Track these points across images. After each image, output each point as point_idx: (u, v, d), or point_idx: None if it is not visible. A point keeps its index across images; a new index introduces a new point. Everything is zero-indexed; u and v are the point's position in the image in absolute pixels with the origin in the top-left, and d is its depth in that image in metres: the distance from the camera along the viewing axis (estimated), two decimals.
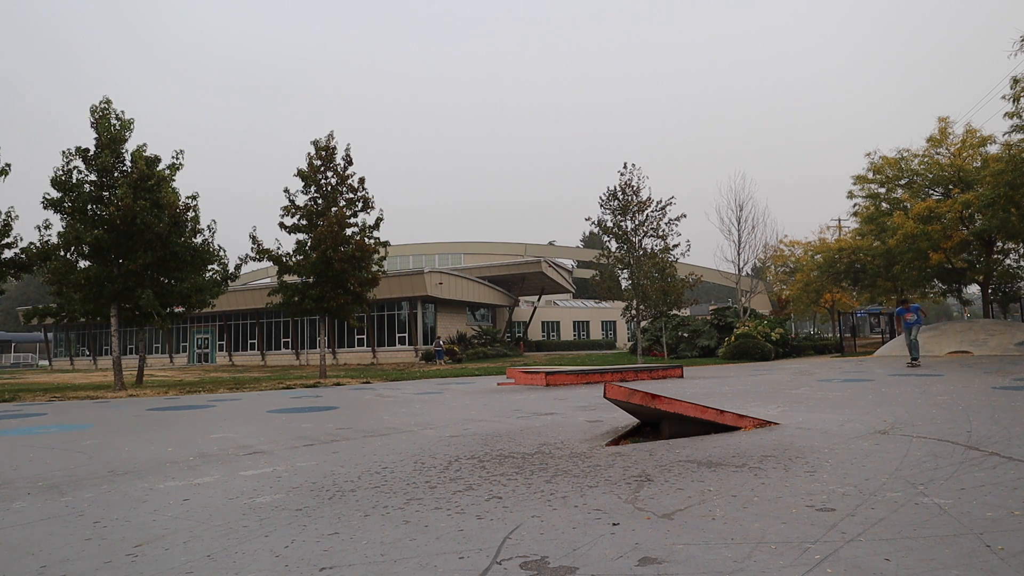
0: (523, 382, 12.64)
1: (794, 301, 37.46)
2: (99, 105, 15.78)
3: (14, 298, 70.30)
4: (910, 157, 27.49)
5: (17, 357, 63.66)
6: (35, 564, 2.33)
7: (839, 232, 38.94)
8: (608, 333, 54.64)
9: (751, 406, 6.75)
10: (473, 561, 2.20)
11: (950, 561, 2.04)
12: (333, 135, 20.26)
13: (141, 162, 15.69)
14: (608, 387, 5.07)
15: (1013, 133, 20.21)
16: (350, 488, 3.45)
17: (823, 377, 11.64)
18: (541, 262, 45.00)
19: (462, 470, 3.86)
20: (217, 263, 17.49)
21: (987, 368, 12.47)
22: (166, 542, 2.55)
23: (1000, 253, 27.20)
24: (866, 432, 4.74)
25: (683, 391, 9.45)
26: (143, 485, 3.71)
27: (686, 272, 24.25)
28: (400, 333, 37.92)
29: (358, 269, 19.70)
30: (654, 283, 22.02)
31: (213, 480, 3.80)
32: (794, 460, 3.77)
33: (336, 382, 15.78)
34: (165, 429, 6.66)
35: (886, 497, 2.86)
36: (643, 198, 22.05)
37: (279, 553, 2.36)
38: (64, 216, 15.27)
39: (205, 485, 3.66)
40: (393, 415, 7.40)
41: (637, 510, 2.80)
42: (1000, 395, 7.10)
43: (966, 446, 4.02)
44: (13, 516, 3.07)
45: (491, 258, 58.40)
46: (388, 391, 12.07)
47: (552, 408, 7.52)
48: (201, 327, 45.07)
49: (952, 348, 20.49)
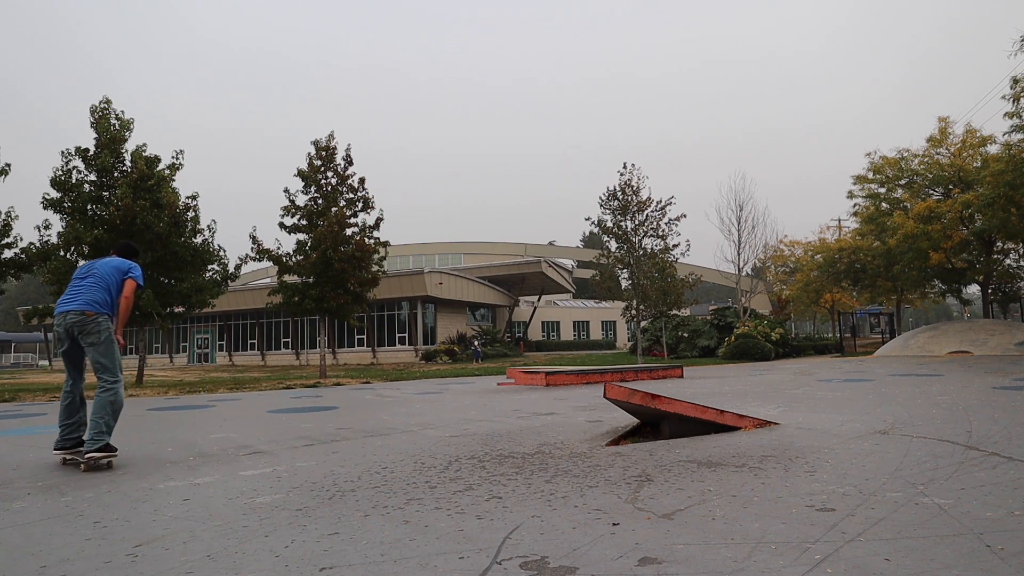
0: (523, 382, 12.64)
1: (794, 301, 37.49)
2: (99, 105, 15.78)
3: (14, 298, 70.30)
4: (910, 157, 27.51)
5: (17, 357, 63.64)
6: (35, 564, 2.33)
7: (839, 232, 38.93)
8: (608, 333, 54.63)
9: (751, 406, 6.75)
10: (473, 561, 2.20)
11: (950, 561, 2.04)
12: (333, 135, 20.26)
13: (141, 162, 15.70)
14: (608, 387, 5.06)
15: (1013, 133, 20.22)
16: (350, 488, 3.45)
17: (823, 377, 11.64)
18: (541, 262, 45.00)
19: (462, 470, 3.86)
20: (217, 263, 17.49)
21: (987, 368, 12.48)
22: (166, 542, 2.55)
23: (1000, 253, 27.21)
24: (866, 432, 4.74)
25: (683, 391, 9.45)
26: (143, 485, 3.71)
27: (686, 272, 24.25)
28: (400, 333, 37.93)
29: (358, 269, 19.71)
30: (654, 283, 22.02)
31: (213, 480, 3.80)
32: (794, 460, 3.77)
33: (336, 382, 15.78)
34: (165, 429, 6.66)
35: (886, 497, 2.86)
36: (643, 198, 22.06)
37: (279, 553, 2.36)
38: (64, 216, 15.27)
39: (205, 485, 3.66)
40: (393, 415, 7.39)
41: (637, 510, 2.80)
42: (1000, 395, 7.10)
43: (966, 446, 4.02)
44: (13, 516, 3.06)
45: (491, 258, 58.42)
46: (388, 391, 12.07)
47: (552, 408, 7.52)
48: (201, 327, 45.08)
49: (952, 348, 20.50)
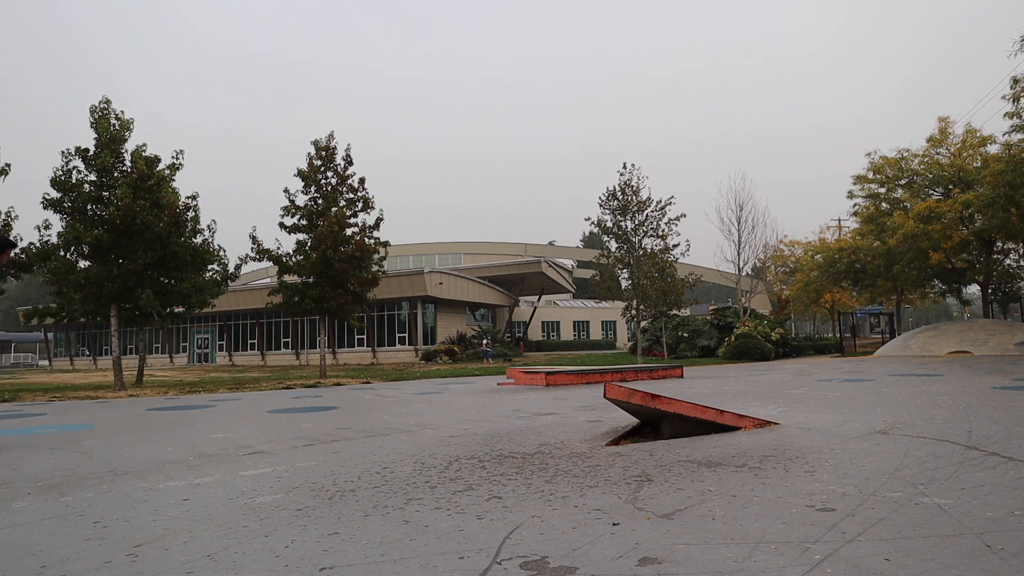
0: (523, 382, 12.64)
1: (794, 301, 37.48)
2: (98, 105, 15.77)
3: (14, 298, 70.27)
4: (910, 157, 27.49)
5: (17, 357, 63.66)
6: (35, 564, 2.33)
7: (839, 232, 38.93)
8: (608, 333, 54.62)
9: (751, 406, 6.75)
10: (473, 561, 2.20)
11: (950, 561, 2.04)
12: (333, 135, 20.25)
13: (141, 162, 15.68)
14: (608, 387, 5.06)
15: (1013, 133, 20.22)
16: (350, 488, 3.45)
17: (823, 377, 11.64)
18: (541, 262, 44.99)
19: (462, 470, 3.86)
20: (217, 263, 17.48)
21: (987, 368, 12.48)
22: (166, 542, 2.55)
23: (1000, 253, 27.21)
24: (866, 432, 4.74)
25: (683, 391, 9.44)
26: (143, 485, 3.71)
27: (686, 272, 24.24)
28: (400, 333, 37.92)
29: (358, 269, 19.71)
30: (654, 283, 22.01)
31: (213, 480, 3.80)
32: (794, 460, 3.77)
33: (336, 382, 15.78)
34: (165, 429, 6.66)
35: (886, 497, 2.86)
36: (643, 198, 22.05)
37: (279, 553, 2.36)
38: (64, 216, 15.26)
39: (205, 485, 3.66)
40: (393, 415, 7.39)
41: (637, 510, 2.80)
42: (1000, 395, 7.10)
43: (966, 446, 4.02)
44: (13, 516, 3.06)
45: (491, 258, 58.41)
46: (388, 391, 12.07)
47: (552, 408, 7.52)
48: (201, 327, 45.06)
49: (952, 348, 20.50)
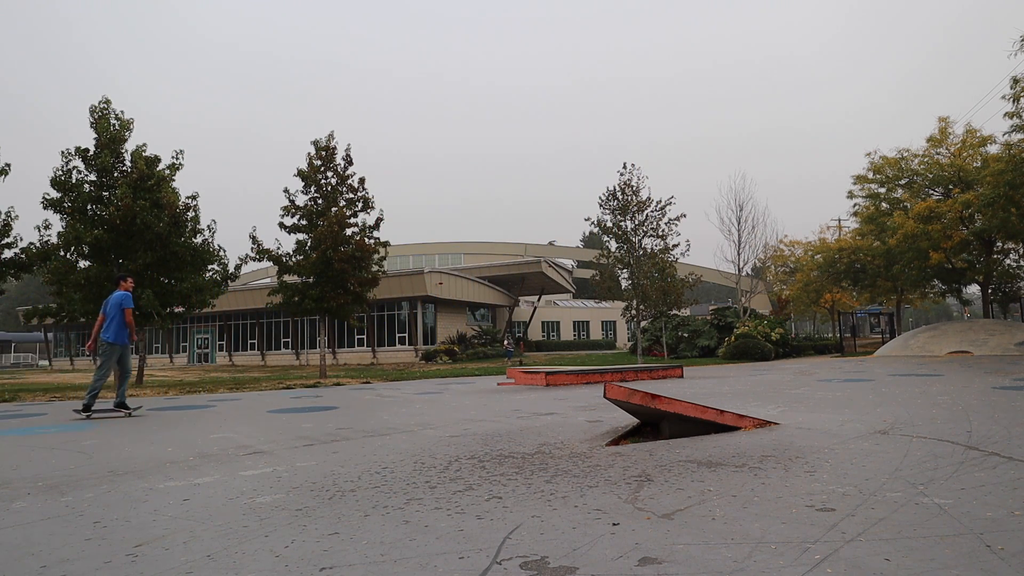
0: (523, 382, 12.64)
1: (794, 301, 37.51)
2: (98, 105, 15.78)
3: (14, 298, 70.28)
4: (910, 157, 27.51)
5: (17, 357, 63.69)
6: (35, 564, 2.33)
7: (839, 232, 38.95)
8: (608, 333, 54.63)
9: (751, 406, 6.75)
10: (473, 561, 2.20)
11: (950, 561, 2.04)
12: (333, 135, 20.28)
13: (141, 162, 15.70)
14: (608, 387, 5.06)
15: (1013, 133, 20.23)
16: (350, 488, 3.45)
17: (823, 377, 11.64)
18: (541, 262, 45.01)
19: (462, 470, 3.86)
20: (217, 263, 17.50)
21: (987, 368, 12.48)
22: (166, 542, 2.55)
23: (1000, 253, 27.22)
24: (866, 432, 4.74)
25: (683, 391, 9.44)
26: (143, 485, 3.71)
27: (686, 272, 24.26)
28: (400, 333, 37.93)
29: (358, 269, 19.72)
30: (654, 283, 22.03)
31: (213, 480, 3.80)
32: (794, 460, 3.77)
33: (336, 382, 15.78)
34: (165, 429, 6.66)
35: (886, 497, 2.86)
36: (643, 198, 22.08)
37: (279, 553, 2.36)
38: (64, 216, 15.28)
39: (205, 485, 3.66)
40: (393, 415, 7.39)
41: (637, 510, 2.80)
42: (1000, 395, 7.10)
43: (966, 446, 4.02)
44: (13, 516, 3.06)
45: (491, 258, 58.45)
46: (388, 391, 12.07)
47: (552, 408, 7.52)
48: (201, 327, 45.08)
49: (952, 348, 20.50)
